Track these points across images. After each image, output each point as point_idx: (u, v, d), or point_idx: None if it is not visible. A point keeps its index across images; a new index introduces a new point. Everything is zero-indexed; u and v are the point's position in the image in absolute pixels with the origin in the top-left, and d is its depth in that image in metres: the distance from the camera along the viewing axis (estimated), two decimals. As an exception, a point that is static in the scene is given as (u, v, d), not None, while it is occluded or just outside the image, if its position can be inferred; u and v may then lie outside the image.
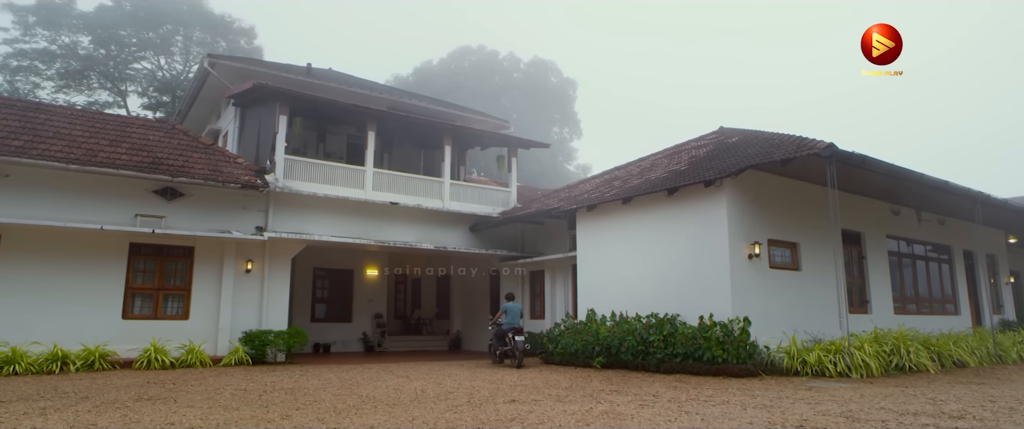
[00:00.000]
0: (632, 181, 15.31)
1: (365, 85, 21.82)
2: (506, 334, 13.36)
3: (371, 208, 16.35)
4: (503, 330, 13.46)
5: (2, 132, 12.52)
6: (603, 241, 14.72)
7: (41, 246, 12.22)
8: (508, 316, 13.64)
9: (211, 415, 6.60)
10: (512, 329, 13.27)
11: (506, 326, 13.44)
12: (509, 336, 13.26)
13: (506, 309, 13.74)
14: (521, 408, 7.28)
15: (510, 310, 13.72)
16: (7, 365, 11.03)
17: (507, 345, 13.33)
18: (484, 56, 51.75)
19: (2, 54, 33.04)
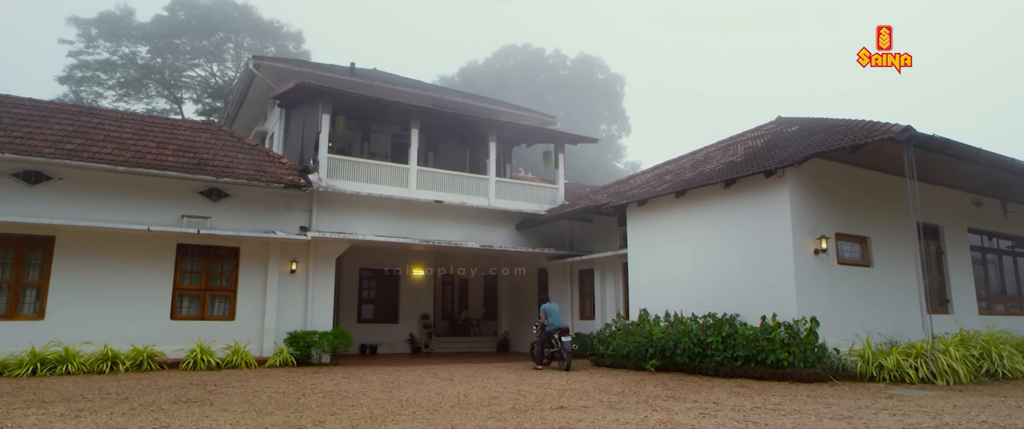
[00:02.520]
0: (685, 174, 14.57)
1: (409, 83, 21.64)
2: (551, 336, 12.98)
3: (415, 207, 16.07)
4: (548, 332, 13.07)
5: (56, 136, 12.72)
6: (655, 237, 14.02)
7: (93, 247, 12.35)
8: (551, 317, 13.27)
9: (242, 420, 6.31)
10: (558, 329, 12.92)
11: (551, 327, 13.07)
12: (556, 337, 12.88)
13: (547, 311, 13.40)
14: (570, 416, 6.75)
15: (552, 312, 13.39)
16: (60, 364, 11.15)
17: (553, 346, 12.94)
18: (529, 54, 51.31)
19: (68, 66, 34.45)
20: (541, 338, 13.14)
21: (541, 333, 13.19)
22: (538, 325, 13.57)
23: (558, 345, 12.76)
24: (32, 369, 10.88)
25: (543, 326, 13.23)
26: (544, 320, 13.30)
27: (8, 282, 11.89)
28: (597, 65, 52.29)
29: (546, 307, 13.52)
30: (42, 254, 12.15)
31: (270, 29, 38.77)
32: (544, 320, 13.30)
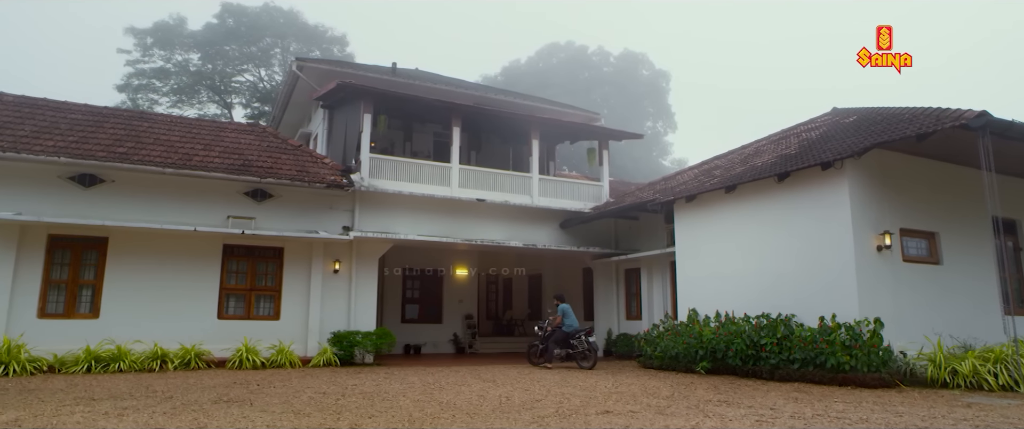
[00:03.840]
0: (735, 169, 13.99)
1: (450, 82, 21.54)
2: (570, 336, 13.10)
3: (458, 206, 15.92)
4: (565, 332, 13.15)
5: (109, 140, 13.04)
6: (704, 235, 13.50)
7: (144, 248, 12.61)
8: (569, 318, 13.41)
9: (280, 421, 6.19)
10: (581, 331, 13.22)
11: (569, 328, 13.20)
12: (581, 337, 13.06)
13: (565, 312, 13.46)
14: (616, 421, 6.41)
15: (569, 312, 13.53)
16: (113, 362, 11.40)
17: (577, 347, 13.07)
18: (572, 52, 50.78)
19: (125, 74, 35.76)
20: (558, 338, 13.14)
21: (557, 333, 13.18)
22: (550, 324, 13.52)
23: (584, 345, 12.98)
24: (87, 366, 11.16)
25: (558, 326, 13.24)
26: (560, 320, 13.29)
27: (66, 282, 12.23)
28: (641, 61, 51.37)
29: (564, 307, 13.56)
30: (97, 255, 12.46)
31: (315, 33, 39.42)
32: (560, 320, 13.29)
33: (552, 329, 13.33)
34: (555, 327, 13.27)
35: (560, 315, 13.37)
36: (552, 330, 13.32)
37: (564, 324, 13.25)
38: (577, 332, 13.16)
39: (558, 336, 13.13)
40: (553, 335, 13.22)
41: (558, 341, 13.12)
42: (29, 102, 13.90)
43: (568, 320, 13.32)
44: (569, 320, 13.33)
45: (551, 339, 13.20)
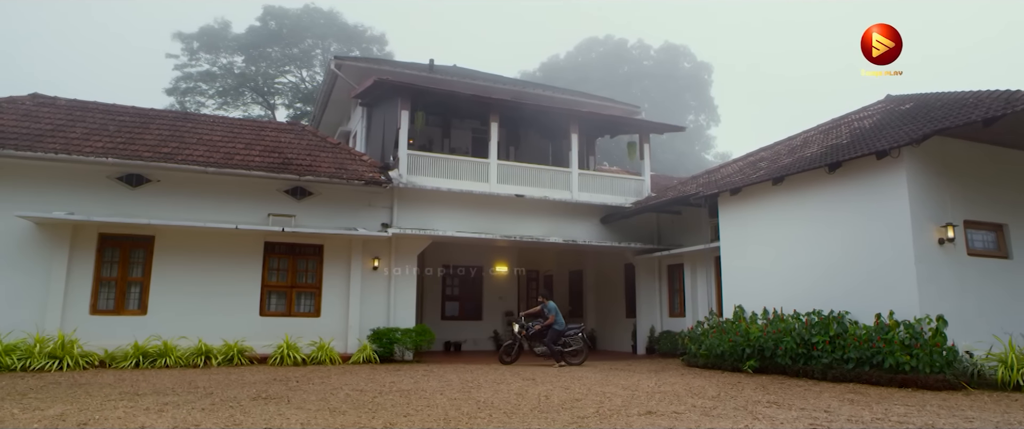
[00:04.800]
0: (782, 160, 13.46)
1: (488, 78, 21.39)
2: (562, 334, 13.03)
3: (496, 201, 15.76)
4: (558, 330, 13.01)
5: (155, 141, 13.31)
6: (750, 229, 13.02)
7: (188, 246, 12.83)
8: (560, 316, 13.33)
9: (314, 419, 6.12)
10: (576, 329, 13.32)
11: (561, 326, 13.14)
12: (576, 334, 13.16)
13: (554, 310, 13.32)
14: (659, 422, 6.14)
15: (558, 311, 13.42)
16: (160, 358, 11.64)
17: (570, 345, 13.07)
18: (611, 46, 50.12)
19: (174, 78, 36.81)
20: (551, 337, 12.97)
21: (552, 332, 13.00)
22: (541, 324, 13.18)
23: (579, 342, 13.15)
24: (136, 362, 11.42)
25: (550, 325, 13.06)
26: (553, 319, 13.11)
27: (115, 279, 12.54)
28: (682, 54, 50.37)
29: (553, 305, 13.41)
30: (144, 253, 12.73)
31: (354, 33, 39.86)
32: (553, 319, 13.11)
33: (542, 328, 13.08)
34: (546, 326, 13.07)
35: (552, 314, 13.17)
36: (543, 329, 13.08)
37: (557, 322, 13.10)
38: (568, 329, 13.16)
39: (553, 335, 12.96)
40: (547, 334, 13.01)
41: (554, 339, 12.95)
42: (80, 105, 14.31)
43: (560, 318, 13.24)
44: (561, 318, 13.27)
45: (548, 338, 12.98)
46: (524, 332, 13.22)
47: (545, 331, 13.05)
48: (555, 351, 12.86)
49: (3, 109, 13.14)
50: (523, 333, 13.22)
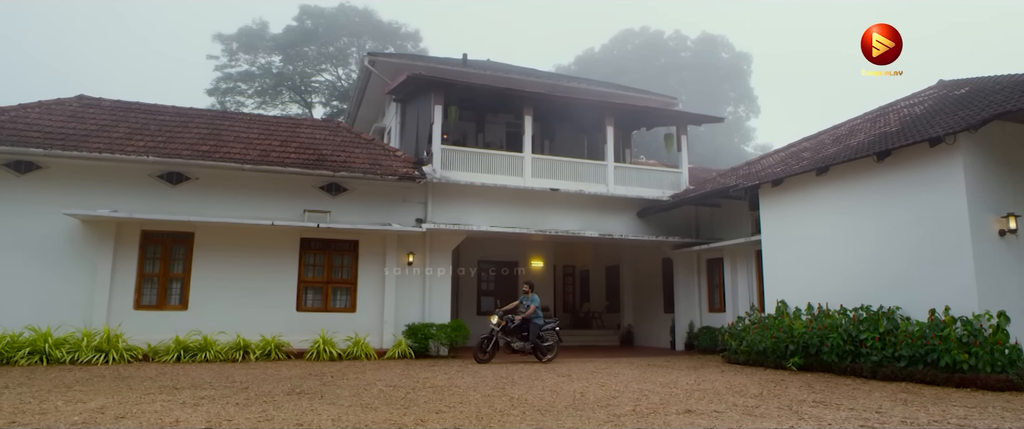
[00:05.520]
0: (826, 150, 12.95)
1: (522, 71, 21.22)
2: (540, 329, 12.48)
3: (531, 196, 15.60)
4: (538, 325, 12.43)
5: (193, 139, 13.53)
6: (793, 221, 12.58)
7: (227, 242, 13.02)
8: (540, 310, 12.69)
9: (346, 415, 6.07)
10: (552, 324, 12.88)
11: (540, 319, 12.54)
12: (552, 330, 12.72)
13: (537, 303, 12.64)
14: (699, 421, 5.90)
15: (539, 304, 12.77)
16: (200, 352, 11.84)
17: (543, 340, 12.49)
18: (648, 38, 49.36)
19: (214, 79, 37.61)
20: (533, 332, 12.33)
21: (533, 326, 12.35)
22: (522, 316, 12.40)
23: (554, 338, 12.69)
24: (177, 356, 11.64)
25: (530, 318, 12.35)
26: (532, 310, 12.44)
27: (157, 275, 12.81)
28: (721, 44, 49.30)
29: (536, 298, 12.75)
30: (184, 249, 12.97)
31: (389, 30, 40.11)
32: (532, 310, 12.44)
33: (522, 320, 12.35)
34: (526, 319, 12.33)
35: (532, 305, 12.49)
36: (522, 322, 12.34)
37: (536, 316, 12.47)
38: (546, 324, 12.66)
39: (533, 329, 12.31)
40: (527, 328, 12.32)
41: (534, 334, 12.33)
42: (123, 106, 14.63)
43: (539, 312, 12.62)
44: (540, 312, 12.64)
45: (530, 333, 12.29)
46: (503, 323, 12.28)
47: (525, 325, 12.35)
48: (538, 346, 12.27)
49: (51, 110, 13.52)
50: (502, 324, 12.26)
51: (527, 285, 13.21)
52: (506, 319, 12.35)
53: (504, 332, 12.27)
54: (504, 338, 12.24)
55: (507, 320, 12.36)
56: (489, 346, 12.13)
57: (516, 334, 12.35)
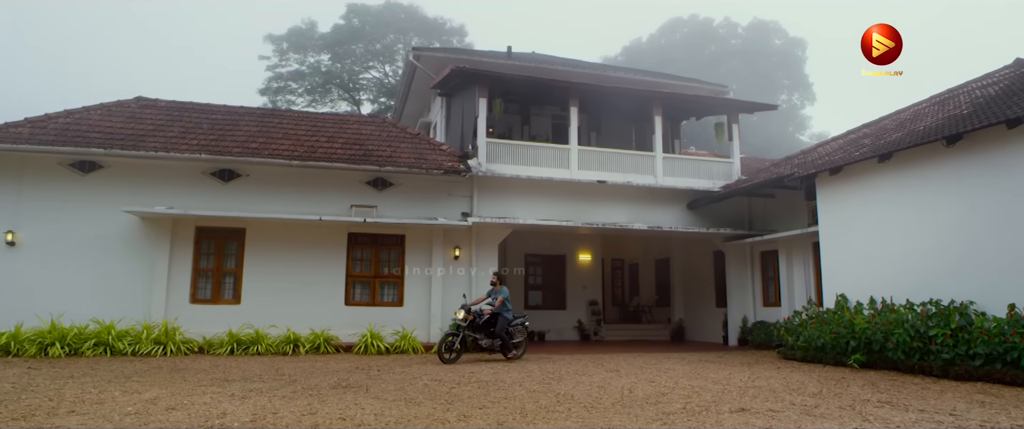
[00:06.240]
0: (889, 135, 12.28)
1: (567, 63, 20.93)
2: (510, 324, 11.52)
3: (577, 188, 15.36)
4: (507, 320, 11.43)
5: (243, 137, 13.81)
6: (853, 211, 11.98)
7: (277, 237, 13.27)
8: (509, 303, 11.67)
9: (389, 410, 6.02)
10: (521, 319, 12.01)
11: (510, 316, 11.54)
12: (521, 325, 11.92)
13: (506, 295, 11.65)
14: (754, 421, 5.62)
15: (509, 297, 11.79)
16: (252, 345, 12.10)
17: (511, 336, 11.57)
18: (696, 26, 48.12)
19: (266, 78, 38.57)
20: (502, 326, 11.28)
21: (502, 320, 11.30)
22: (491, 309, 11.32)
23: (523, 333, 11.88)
24: (230, 349, 11.92)
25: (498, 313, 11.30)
26: (500, 302, 11.40)
27: (211, 270, 13.14)
28: (773, 30, 47.66)
29: (506, 291, 11.79)
30: (236, 244, 13.27)
31: (434, 26, 40.31)
32: (500, 302, 11.40)
33: (491, 315, 11.28)
34: (495, 313, 11.28)
35: (500, 296, 11.46)
36: (491, 317, 11.28)
37: (505, 308, 11.46)
38: (515, 319, 11.74)
39: (502, 323, 11.28)
40: (496, 323, 11.26)
41: (504, 330, 11.30)
42: (178, 106, 15.06)
43: (509, 305, 11.63)
44: (509, 305, 11.65)
45: (498, 327, 11.23)
46: (470, 317, 11.15)
47: (494, 320, 11.30)
48: (507, 343, 11.32)
49: (111, 112, 14.01)
50: (469, 318, 11.12)
51: (495, 276, 12.23)
52: (474, 313, 11.30)
53: (472, 328, 11.20)
54: (471, 335, 11.18)
55: (475, 314, 11.30)
56: (456, 343, 10.91)
57: (485, 330, 11.28)
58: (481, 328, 11.27)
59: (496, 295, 11.60)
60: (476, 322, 11.22)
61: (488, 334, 11.28)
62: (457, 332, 11.03)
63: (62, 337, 11.17)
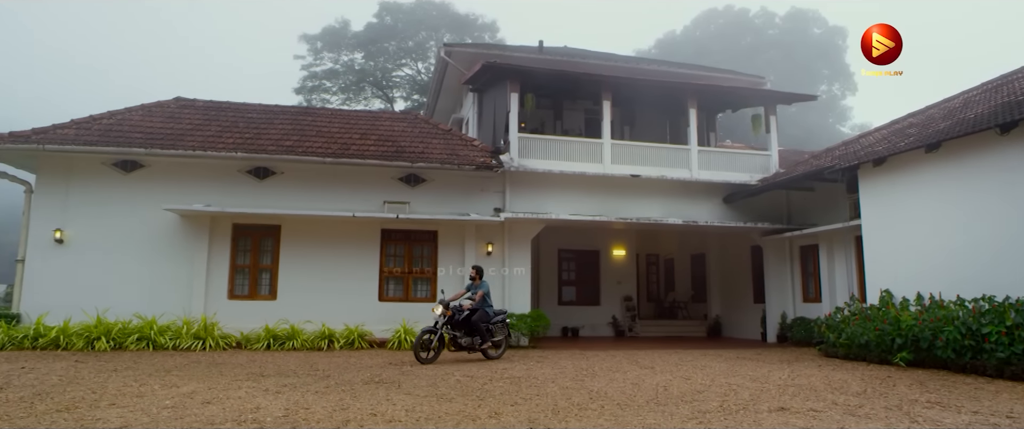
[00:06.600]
0: (937, 125, 11.79)
1: (599, 56, 20.70)
2: (490, 320, 10.70)
3: (611, 182, 15.17)
4: (489, 315, 10.66)
5: (278, 135, 13.99)
6: (898, 204, 11.55)
7: (311, 234, 13.42)
8: (490, 298, 10.97)
9: (420, 406, 5.99)
10: (502, 316, 11.07)
11: (491, 309, 10.84)
12: (502, 322, 10.98)
13: (487, 289, 10.88)
14: (794, 421, 5.42)
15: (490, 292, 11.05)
16: (288, 340, 12.25)
17: (491, 334, 10.66)
18: (732, 16, 47.18)
19: (301, 78, 39.14)
20: (480, 319, 10.45)
21: (481, 315, 10.45)
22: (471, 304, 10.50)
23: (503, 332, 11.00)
24: (267, 344, 12.09)
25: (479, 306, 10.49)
26: (481, 295, 10.63)
27: (248, 266, 13.36)
28: (812, 19, 46.46)
29: (486, 284, 10.98)
30: (272, 241, 13.46)
31: (466, 22, 40.37)
32: (481, 295, 10.63)
33: (471, 309, 10.42)
34: (474, 308, 10.45)
35: (482, 291, 10.71)
36: (471, 311, 10.41)
37: (487, 303, 10.76)
38: (496, 315, 10.92)
39: (482, 316, 10.45)
40: (476, 317, 10.38)
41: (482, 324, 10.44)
42: (215, 106, 15.33)
43: (490, 299, 10.93)
44: (490, 300, 10.96)
45: (475, 323, 10.33)
46: (449, 313, 10.18)
47: (477, 313, 10.41)
48: (486, 340, 10.49)
49: (152, 112, 14.34)
50: (448, 314, 10.15)
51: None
52: (453, 309, 10.30)
53: (451, 325, 10.23)
54: (451, 332, 10.20)
55: (454, 310, 10.32)
56: (434, 342, 10.00)
57: (464, 328, 10.36)
58: (460, 325, 10.33)
59: (476, 290, 10.81)
60: (455, 319, 10.28)
61: (469, 332, 10.38)
62: (435, 329, 10.04)
63: (107, 332, 11.50)
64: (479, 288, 10.81)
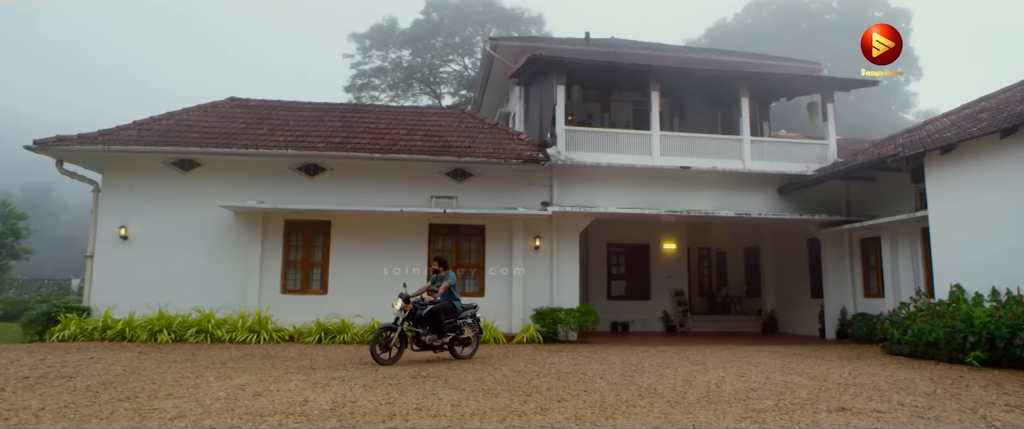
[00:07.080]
0: (1013, 108, 11.06)
1: (647, 46, 20.30)
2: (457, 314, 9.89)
3: (660, 175, 14.85)
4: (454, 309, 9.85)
5: (327, 132, 14.22)
6: (970, 193, 10.91)
7: (360, 229, 13.60)
8: (456, 291, 10.09)
9: (466, 401, 5.96)
10: (471, 311, 10.15)
11: (460, 303, 10.03)
12: (471, 318, 10.11)
13: (453, 282, 9.99)
14: (856, 423, 5.15)
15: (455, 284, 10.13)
16: (339, 334, 12.47)
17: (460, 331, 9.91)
18: (786, 2, 45.53)
19: (350, 76, 39.85)
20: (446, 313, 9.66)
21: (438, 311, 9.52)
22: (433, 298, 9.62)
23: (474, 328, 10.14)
24: (318, 338, 12.33)
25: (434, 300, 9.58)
26: (445, 288, 9.77)
27: (299, 262, 13.64)
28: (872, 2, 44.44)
29: (451, 275, 10.05)
30: (322, 237, 13.70)
31: (512, 16, 40.30)
32: (445, 288, 9.77)
33: (433, 303, 9.52)
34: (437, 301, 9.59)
35: (447, 283, 9.82)
36: (434, 304, 9.52)
37: (453, 296, 9.91)
38: (464, 310, 10.06)
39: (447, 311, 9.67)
40: (438, 311, 9.49)
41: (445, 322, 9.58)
42: (267, 105, 15.69)
43: (456, 292, 10.07)
44: (456, 293, 10.09)
45: (434, 318, 9.42)
46: (409, 307, 9.22)
47: (437, 311, 9.51)
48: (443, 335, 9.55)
49: (207, 112, 14.78)
50: (408, 309, 9.21)
51: (437, 261, 10.26)
52: (413, 303, 9.37)
53: (413, 320, 9.33)
54: (413, 329, 9.33)
55: (414, 304, 9.38)
56: (393, 339, 9.08)
57: (428, 323, 9.46)
58: (423, 321, 9.39)
59: (440, 282, 9.90)
60: (418, 314, 9.35)
61: (433, 328, 9.49)
62: (395, 326, 9.09)
63: (169, 325, 11.95)
64: (444, 280, 9.91)
